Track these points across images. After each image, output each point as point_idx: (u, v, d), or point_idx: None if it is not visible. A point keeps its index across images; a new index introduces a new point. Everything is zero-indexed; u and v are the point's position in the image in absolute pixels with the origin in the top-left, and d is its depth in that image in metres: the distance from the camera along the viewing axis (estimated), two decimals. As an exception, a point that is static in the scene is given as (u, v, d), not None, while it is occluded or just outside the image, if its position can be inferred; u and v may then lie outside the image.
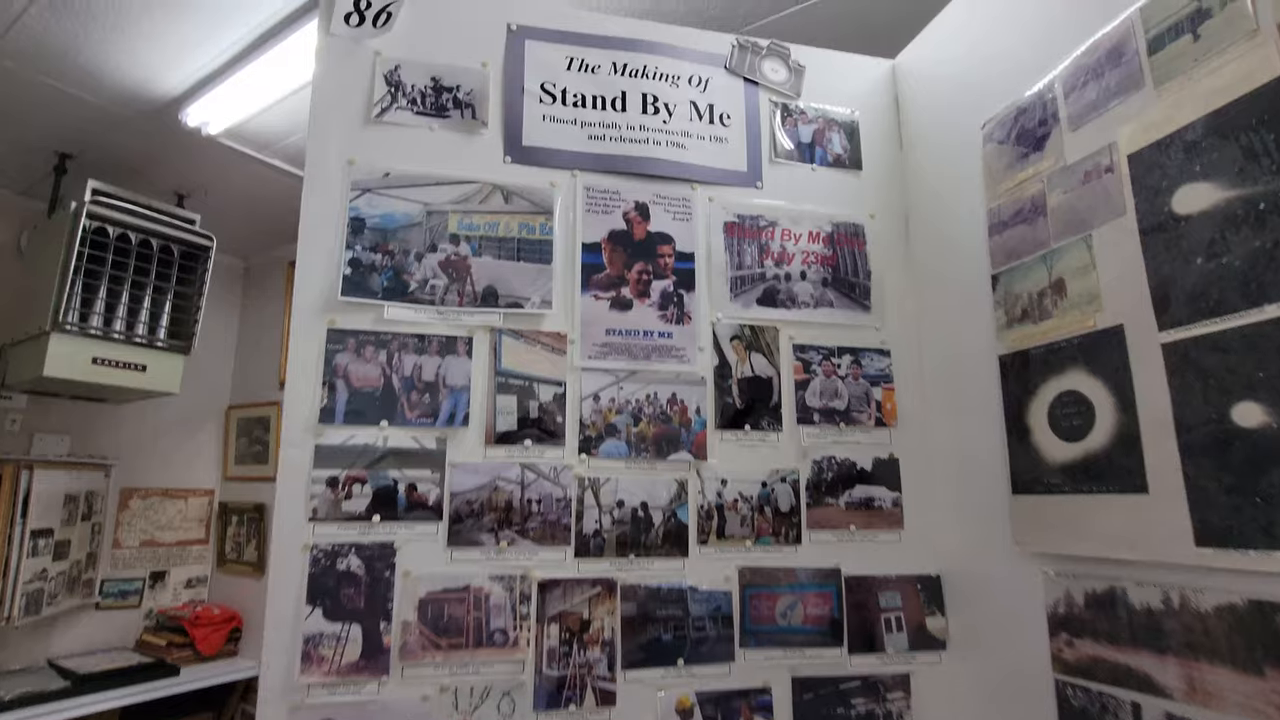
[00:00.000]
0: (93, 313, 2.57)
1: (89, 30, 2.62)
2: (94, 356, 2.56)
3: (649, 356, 1.36)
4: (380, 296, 1.27)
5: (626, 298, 1.38)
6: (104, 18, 2.57)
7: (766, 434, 1.39)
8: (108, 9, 2.52)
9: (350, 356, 1.24)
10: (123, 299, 2.65)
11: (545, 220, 1.37)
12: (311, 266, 1.26)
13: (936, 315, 1.47)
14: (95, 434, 3.15)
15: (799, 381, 1.43)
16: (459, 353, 1.29)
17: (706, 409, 1.37)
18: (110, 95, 2.92)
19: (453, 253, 1.33)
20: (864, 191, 1.56)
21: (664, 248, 1.42)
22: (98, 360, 2.57)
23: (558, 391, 1.32)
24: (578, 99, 1.44)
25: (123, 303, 2.65)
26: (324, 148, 1.30)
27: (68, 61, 2.72)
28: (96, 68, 2.78)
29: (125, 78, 2.90)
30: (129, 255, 2.66)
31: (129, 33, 2.67)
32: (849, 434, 1.43)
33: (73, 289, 2.49)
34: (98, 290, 2.57)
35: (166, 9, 2.57)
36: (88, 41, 2.66)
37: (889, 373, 1.47)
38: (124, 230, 2.65)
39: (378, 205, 1.31)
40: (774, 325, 1.44)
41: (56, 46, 2.65)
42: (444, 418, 1.26)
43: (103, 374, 2.57)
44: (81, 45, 2.68)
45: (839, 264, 1.50)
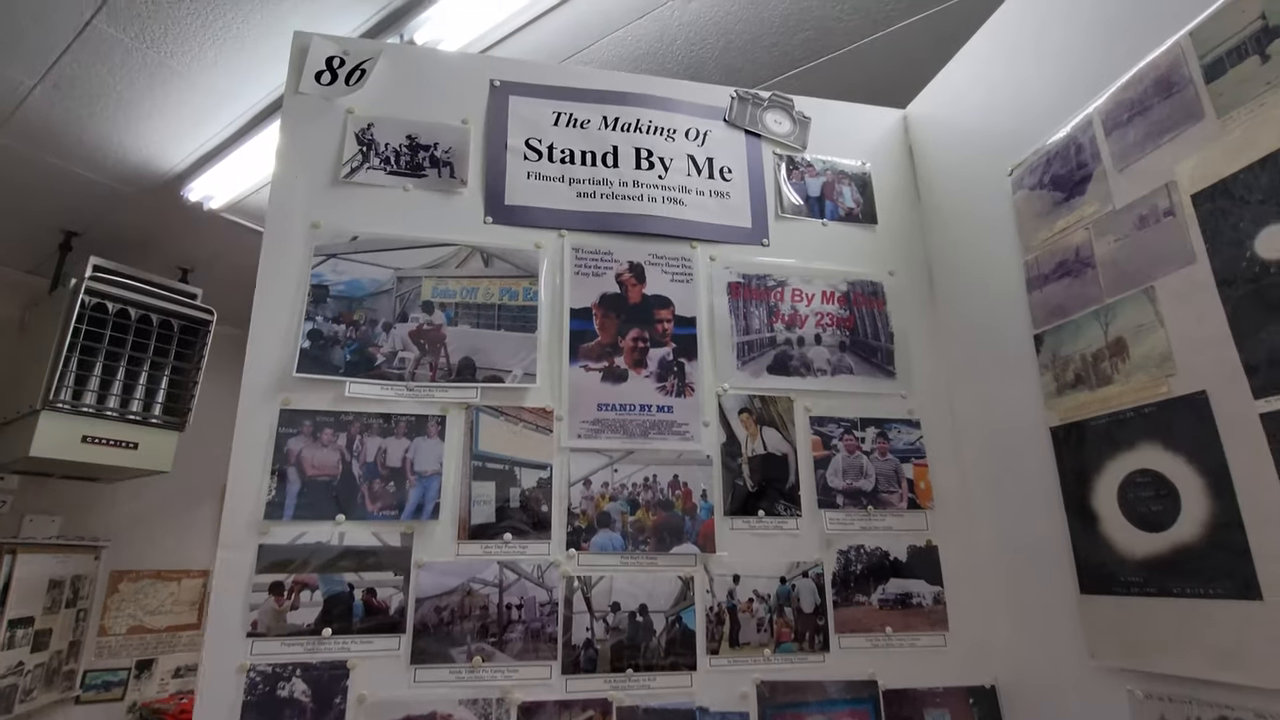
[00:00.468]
0: (86, 390, 2.53)
1: (92, 110, 2.64)
2: (84, 435, 2.51)
3: (647, 434, 1.20)
4: (342, 372, 1.13)
5: (620, 368, 1.23)
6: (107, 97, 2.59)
7: (784, 520, 1.21)
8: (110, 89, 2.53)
9: (305, 441, 1.09)
10: (118, 375, 2.61)
11: (529, 284, 1.24)
12: (265, 340, 1.13)
13: (971, 381, 1.30)
14: (88, 514, 3.04)
15: (818, 459, 1.26)
16: (430, 433, 1.14)
17: (714, 492, 1.20)
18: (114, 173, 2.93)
19: (425, 321, 1.19)
20: (881, 247, 1.42)
21: (662, 312, 1.28)
22: (88, 439, 2.52)
23: (543, 476, 1.15)
24: (565, 155, 1.33)
25: (118, 379, 2.61)
26: (286, 211, 1.20)
27: (72, 140, 2.74)
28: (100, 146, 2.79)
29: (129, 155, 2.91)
30: (128, 331, 2.64)
31: (131, 112, 2.69)
32: (878, 518, 1.24)
33: (67, 366, 2.47)
34: (93, 367, 2.55)
35: (168, 88, 2.58)
36: (91, 121, 2.68)
37: (920, 447, 1.30)
38: (123, 306, 2.65)
39: (343, 271, 1.19)
40: (787, 395, 1.28)
41: (61, 126, 2.67)
42: (411, 509, 1.09)
43: (93, 453, 2.51)
44: (85, 125, 2.70)
45: (857, 326, 1.35)
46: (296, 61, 1.28)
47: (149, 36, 2.35)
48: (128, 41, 2.37)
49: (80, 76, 2.48)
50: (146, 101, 2.66)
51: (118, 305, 2.63)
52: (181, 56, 2.45)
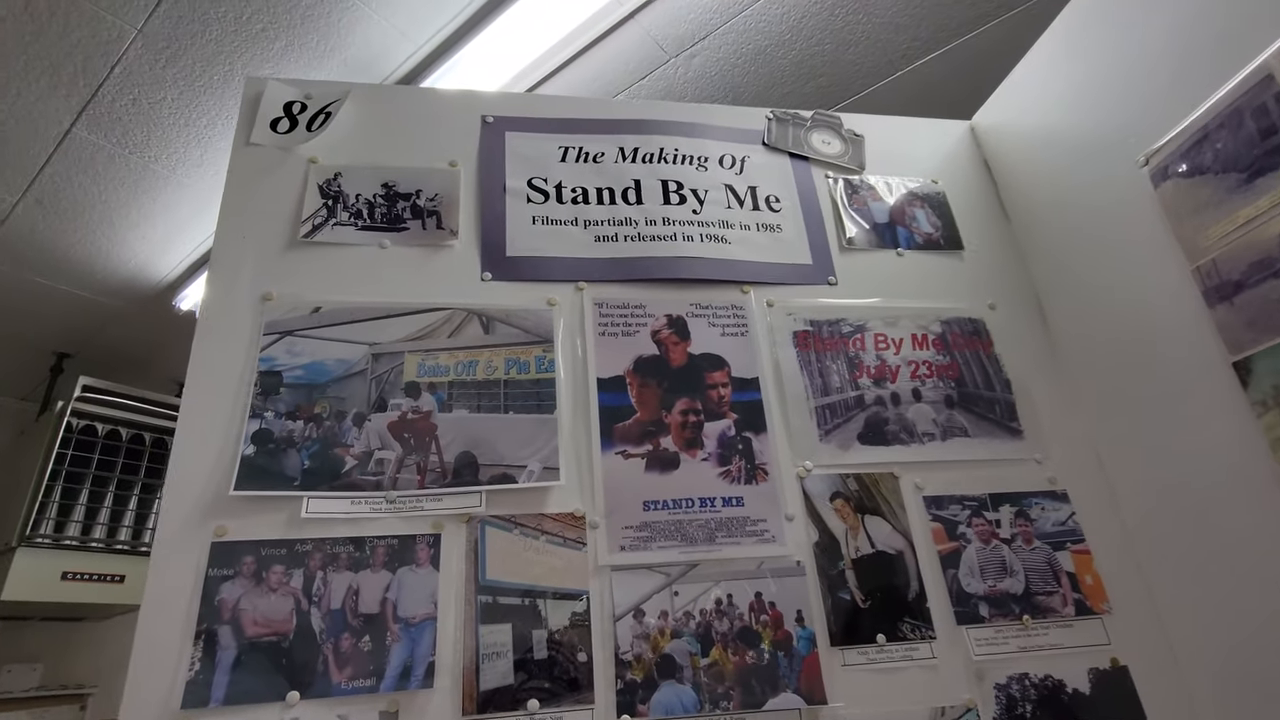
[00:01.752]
0: (70, 520, 2.30)
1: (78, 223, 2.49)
2: (65, 571, 2.34)
3: (713, 538, 0.89)
4: (298, 484, 0.84)
5: (669, 452, 0.93)
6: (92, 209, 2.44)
7: (913, 646, 0.87)
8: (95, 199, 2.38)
9: (245, 586, 0.78)
10: (106, 502, 2.43)
11: (543, 352, 0.97)
12: (193, 452, 0.84)
13: (1130, 435, 0.99)
14: (72, 658, 2.77)
15: (944, 554, 0.93)
16: (419, 561, 0.83)
17: (813, 614, 0.87)
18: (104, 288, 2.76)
19: (410, 408, 0.91)
20: (973, 276, 1.15)
21: (715, 374, 0.99)
22: (69, 575, 2.35)
23: (577, 610, 0.83)
24: (577, 194, 1.09)
25: (106, 506, 2.43)
26: (229, 282, 0.94)
27: (59, 257, 2.59)
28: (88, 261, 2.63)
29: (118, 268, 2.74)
30: (118, 453, 2.50)
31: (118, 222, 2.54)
32: (1039, 632, 0.90)
33: (49, 496, 2.31)
34: (78, 495, 2.35)
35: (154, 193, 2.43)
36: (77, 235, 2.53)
37: (1075, 527, 0.97)
38: (114, 426, 2.52)
39: (301, 352, 0.92)
40: (890, 471, 0.97)
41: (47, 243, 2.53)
42: (394, 675, 0.77)
43: (74, 590, 2.30)
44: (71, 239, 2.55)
45: (963, 374, 1.06)
46: (248, 110, 1.06)
47: (131, 141, 2.20)
48: (110, 148, 2.23)
49: (63, 189, 2.34)
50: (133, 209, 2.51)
51: (107, 426, 2.49)
52: (166, 160, 2.31)
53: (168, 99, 2.06)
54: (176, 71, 1.95)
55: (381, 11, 1.72)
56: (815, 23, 1.97)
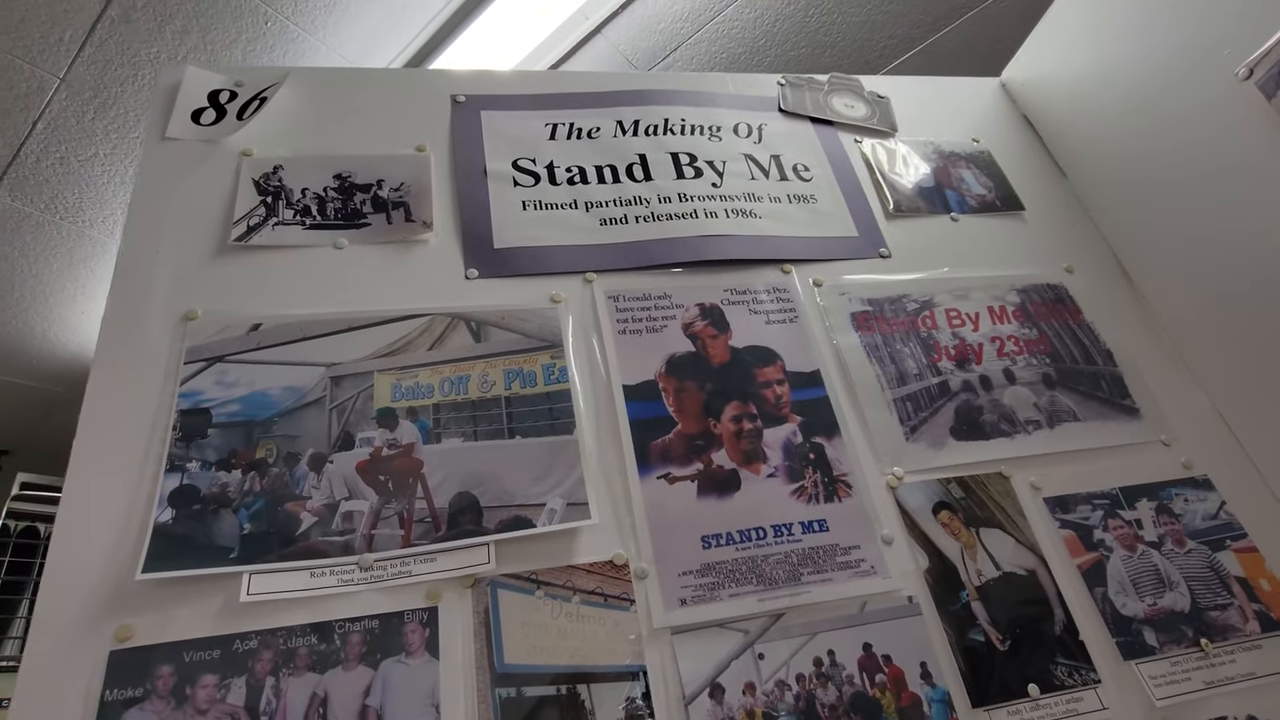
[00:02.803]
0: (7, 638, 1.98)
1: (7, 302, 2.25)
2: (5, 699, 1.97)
3: (797, 576, 0.67)
4: (236, 557, 0.61)
5: (725, 469, 0.72)
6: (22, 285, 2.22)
7: (1076, 696, 0.66)
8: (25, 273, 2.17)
9: (158, 711, 0.54)
10: None
11: (551, 359, 0.76)
12: (82, 524, 0.60)
13: (1264, 399, 0.82)
14: None
15: (1085, 569, 0.73)
16: (410, 649, 0.60)
17: (941, 666, 0.65)
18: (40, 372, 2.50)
19: (385, 442, 0.69)
20: (1040, 239, 0.98)
21: (766, 370, 0.80)
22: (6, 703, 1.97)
23: (632, 695, 0.60)
24: (574, 174, 0.90)
25: None
26: (137, 300, 0.72)
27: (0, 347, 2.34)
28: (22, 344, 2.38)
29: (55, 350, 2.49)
30: None
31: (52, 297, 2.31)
32: (1225, 659, 0.70)
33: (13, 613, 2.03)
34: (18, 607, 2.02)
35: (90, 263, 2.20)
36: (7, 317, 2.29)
37: (1230, 519, 0.78)
38: None
39: (237, 381, 0.70)
40: (998, 470, 0.78)
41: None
42: (384, 824, 0.53)
43: None
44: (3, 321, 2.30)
45: (1056, 349, 0.88)
46: (163, 102, 0.86)
47: (61, 205, 1.98)
48: (37, 214, 2.01)
49: (-12, 265, 2.11)
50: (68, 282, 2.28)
51: (49, 526, 2.21)
52: (103, 224, 2.09)
53: (99, 155, 1.85)
54: (107, 123, 1.75)
55: (330, 43, 1.56)
56: (789, 26, 1.87)
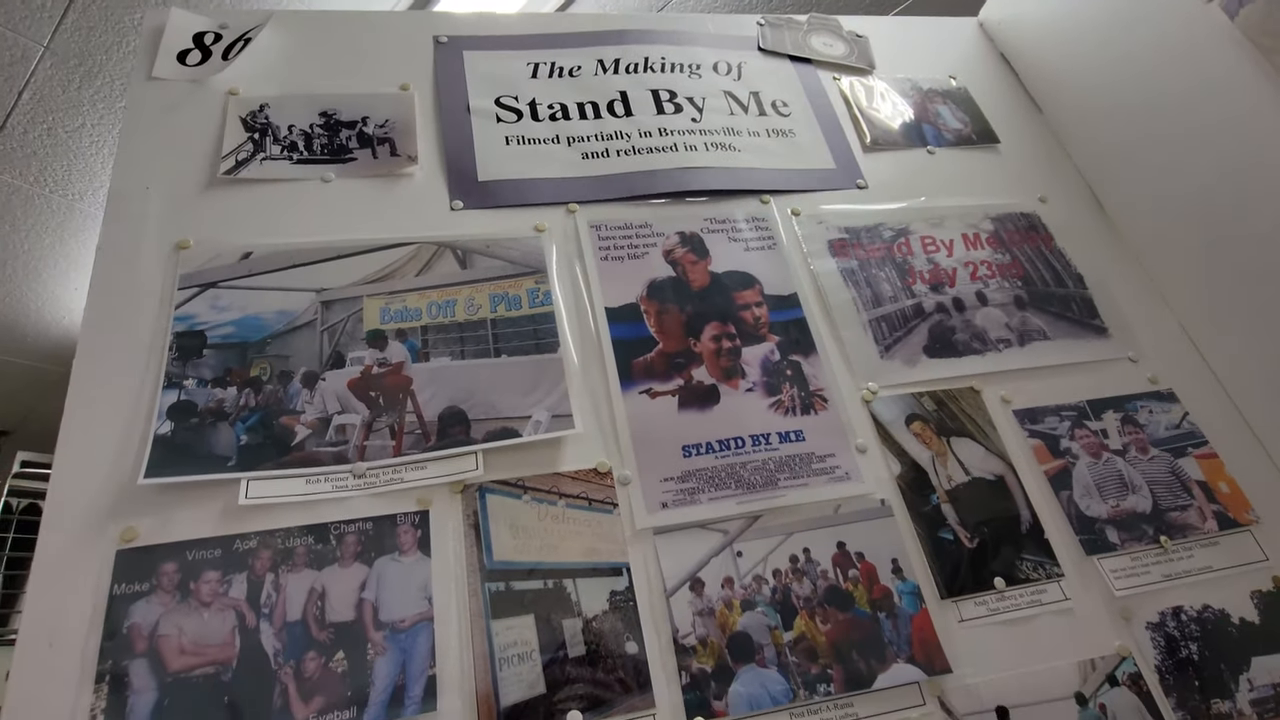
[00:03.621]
0: (14, 612, 1.99)
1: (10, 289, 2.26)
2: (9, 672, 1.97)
3: (774, 481, 0.70)
4: (234, 464, 0.63)
5: (705, 384, 0.75)
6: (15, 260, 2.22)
7: (1039, 588, 0.69)
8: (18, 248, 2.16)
9: (166, 603, 0.57)
10: None
11: (536, 284, 0.78)
12: (85, 435, 0.63)
13: (1227, 316, 0.85)
14: None
15: (1052, 475, 0.76)
16: (403, 548, 0.62)
17: (911, 562, 0.69)
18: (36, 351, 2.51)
19: (375, 361, 0.71)
20: (1015, 171, 1.01)
21: (745, 294, 0.82)
22: None
23: (616, 589, 0.64)
24: (556, 111, 0.92)
25: None
26: (130, 230, 0.74)
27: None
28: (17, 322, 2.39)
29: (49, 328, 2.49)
30: None
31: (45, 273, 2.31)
32: (1184, 554, 0.73)
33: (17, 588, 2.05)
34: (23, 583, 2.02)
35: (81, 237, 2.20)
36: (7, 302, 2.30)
37: (1193, 429, 0.81)
38: None
39: (230, 305, 0.72)
40: (969, 385, 0.80)
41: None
42: (380, 701, 0.56)
43: None
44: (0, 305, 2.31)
45: (1028, 273, 0.90)
46: (149, 43, 0.88)
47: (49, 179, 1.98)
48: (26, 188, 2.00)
49: (-23, 241, 2.11)
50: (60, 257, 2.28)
51: None
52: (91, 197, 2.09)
53: (86, 125, 1.85)
54: (93, 92, 1.75)
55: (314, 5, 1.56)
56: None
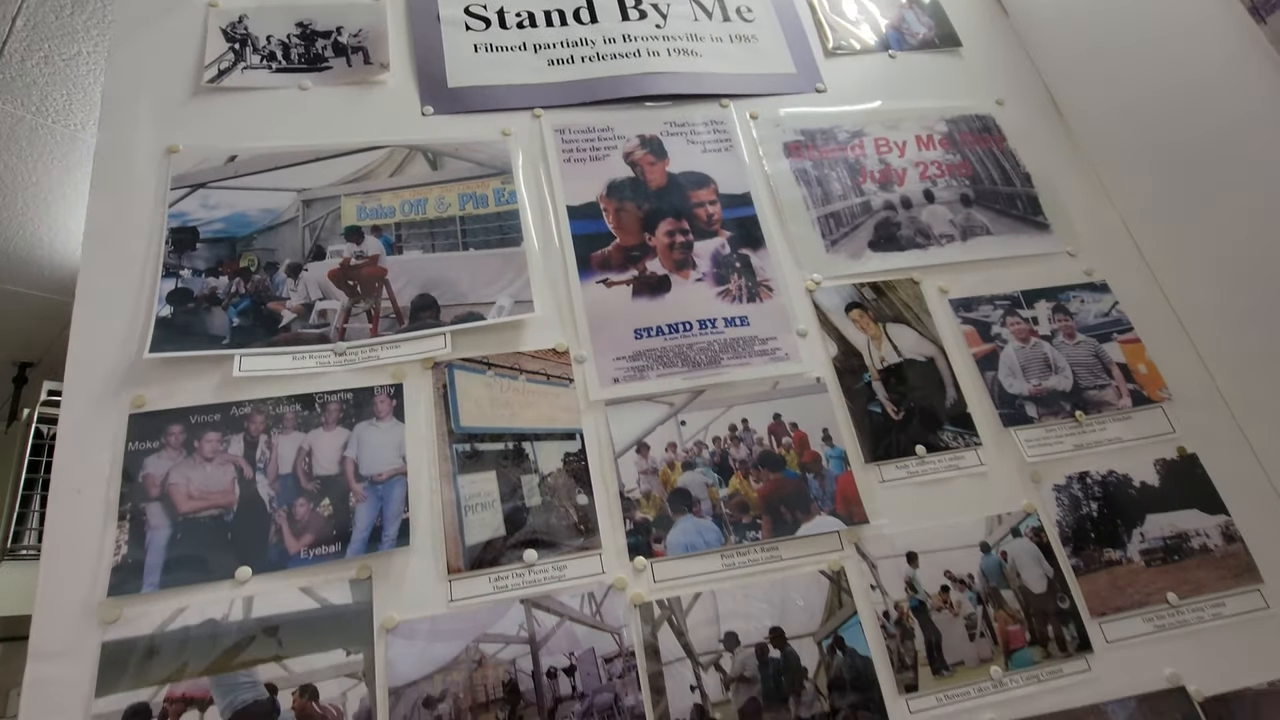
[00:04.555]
0: None
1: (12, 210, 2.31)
2: None
3: (718, 360, 0.77)
4: (228, 342, 0.71)
5: (658, 274, 0.81)
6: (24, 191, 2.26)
7: (958, 455, 0.76)
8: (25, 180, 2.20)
9: (174, 457, 0.66)
10: None
11: (502, 184, 0.84)
12: (97, 317, 0.71)
13: (1166, 212, 0.88)
14: None
15: (980, 357, 0.82)
16: (379, 414, 0.71)
17: (840, 431, 0.76)
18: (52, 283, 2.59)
19: (353, 254, 0.78)
20: (976, 74, 1.03)
21: (700, 192, 0.87)
22: None
23: (570, 450, 0.72)
24: (523, 18, 0.95)
25: None
26: (124, 135, 0.80)
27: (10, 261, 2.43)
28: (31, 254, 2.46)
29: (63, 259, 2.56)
30: None
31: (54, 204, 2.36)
32: (1096, 427, 0.80)
33: (26, 507, 2.17)
34: None
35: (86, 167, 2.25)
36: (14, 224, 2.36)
37: (1120, 317, 0.86)
38: None
39: (219, 204, 0.78)
40: (909, 277, 0.86)
41: (-8, 243, 2.34)
42: (362, 538, 0.65)
43: None
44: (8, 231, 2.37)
45: (977, 172, 0.94)
46: (130, -42, 0.91)
47: (51, 108, 2.02)
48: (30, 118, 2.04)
49: (-13, 172, 2.16)
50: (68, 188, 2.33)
51: None
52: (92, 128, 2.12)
53: (82, 53, 1.87)
54: (87, 18, 1.77)
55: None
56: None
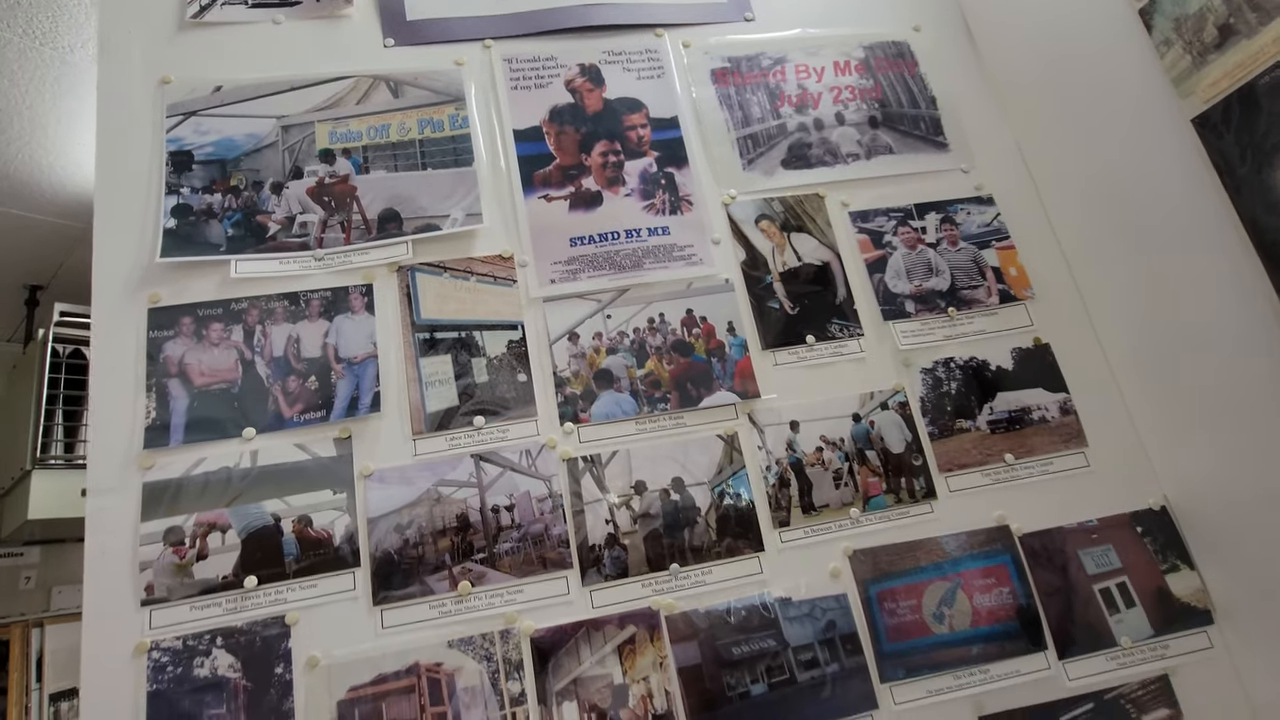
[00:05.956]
0: (78, 441, 2.31)
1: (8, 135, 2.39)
2: (85, 488, 2.30)
3: (640, 265, 0.91)
4: (224, 249, 0.85)
5: (591, 190, 0.94)
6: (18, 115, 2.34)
7: (842, 344, 0.91)
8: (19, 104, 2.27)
9: (187, 343, 0.81)
10: None
11: (455, 110, 0.95)
12: (115, 228, 0.84)
13: (1052, 129, 0.99)
14: None
15: (871, 262, 0.95)
16: (354, 309, 0.85)
17: (743, 324, 0.90)
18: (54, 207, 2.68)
19: (326, 174, 0.91)
20: (895, 2, 1.11)
21: (632, 116, 0.98)
22: None
23: (513, 338, 0.86)
24: (475, -48, 1.04)
25: None
26: (121, 69, 0.91)
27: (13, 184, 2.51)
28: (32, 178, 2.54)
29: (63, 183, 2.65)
30: None
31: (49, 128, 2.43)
32: (965, 322, 0.94)
33: (51, 420, 2.30)
34: (81, 416, 2.33)
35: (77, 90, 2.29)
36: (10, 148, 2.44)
37: (1000, 226, 0.99)
38: None
39: (209, 130, 0.90)
40: (815, 192, 0.98)
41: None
42: (342, 406, 0.81)
43: None
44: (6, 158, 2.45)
45: (886, 95, 1.04)
46: (112, -103, 0.99)
47: (38, 31, 2.07)
48: (18, 40, 2.10)
49: (-19, 97, 2.23)
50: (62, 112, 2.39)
51: None
52: (81, 50, 2.17)
53: (65, -27, 1.92)
54: (67, -61, 1.82)
55: None
56: None
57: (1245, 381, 0.78)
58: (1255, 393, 0.77)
